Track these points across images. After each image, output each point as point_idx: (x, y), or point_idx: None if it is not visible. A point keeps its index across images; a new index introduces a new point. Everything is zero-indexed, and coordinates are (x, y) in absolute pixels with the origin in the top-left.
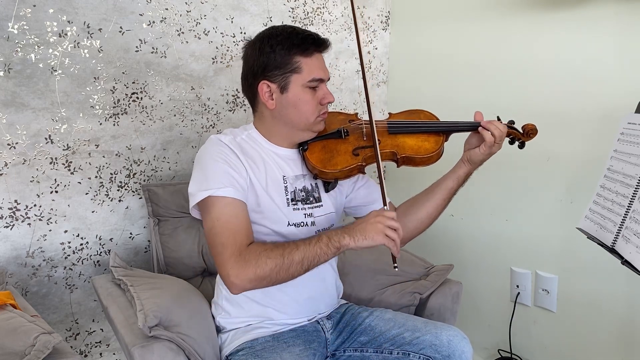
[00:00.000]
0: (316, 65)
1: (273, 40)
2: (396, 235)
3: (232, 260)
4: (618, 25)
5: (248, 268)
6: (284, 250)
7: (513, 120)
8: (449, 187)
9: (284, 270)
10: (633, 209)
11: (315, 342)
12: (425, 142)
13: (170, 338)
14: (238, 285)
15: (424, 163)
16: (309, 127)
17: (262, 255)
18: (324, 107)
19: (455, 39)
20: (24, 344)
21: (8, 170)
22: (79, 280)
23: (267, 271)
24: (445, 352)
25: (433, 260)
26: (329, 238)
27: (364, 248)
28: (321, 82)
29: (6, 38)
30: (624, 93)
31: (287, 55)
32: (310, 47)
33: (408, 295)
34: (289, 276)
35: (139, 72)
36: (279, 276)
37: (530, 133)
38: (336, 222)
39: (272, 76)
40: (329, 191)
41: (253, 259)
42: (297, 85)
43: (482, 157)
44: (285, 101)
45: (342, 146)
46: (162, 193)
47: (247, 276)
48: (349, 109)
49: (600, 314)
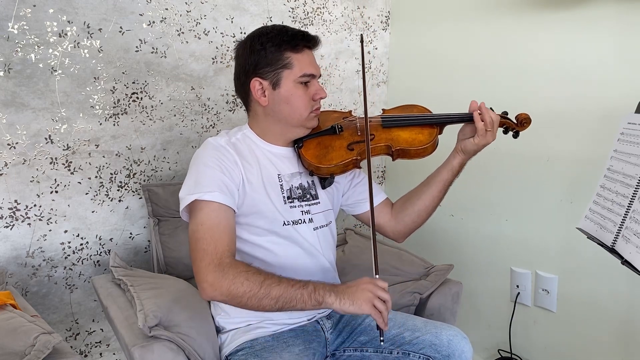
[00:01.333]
0: (307, 61)
1: (263, 38)
2: (384, 307)
3: (210, 268)
4: (618, 25)
5: (223, 281)
6: (265, 280)
7: (506, 111)
8: (443, 178)
9: (256, 299)
10: (633, 209)
11: (315, 342)
12: (419, 135)
13: (170, 338)
14: (209, 294)
15: (418, 155)
16: (303, 123)
17: (241, 274)
18: (317, 102)
19: (455, 39)
20: (24, 344)
21: (8, 170)
22: (79, 280)
23: (240, 292)
24: (445, 352)
25: (433, 260)
26: (315, 289)
27: (347, 313)
28: (312, 77)
29: (6, 38)
30: (624, 93)
31: (278, 51)
32: (300, 42)
33: (408, 295)
34: (260, 307)
35: (139, 72)
36: (250, 302)
37: (524, 122)
38: (333, 219)
39: (263, 73)
40: (325, 187)
41: (231, 275)
42: (289, 80)
43: (476, 147)
44: (277, 97)
45: (337, 142)
46: (162, 193)
47: (220, 289)
48: (349, 109)
49: (600, 314)
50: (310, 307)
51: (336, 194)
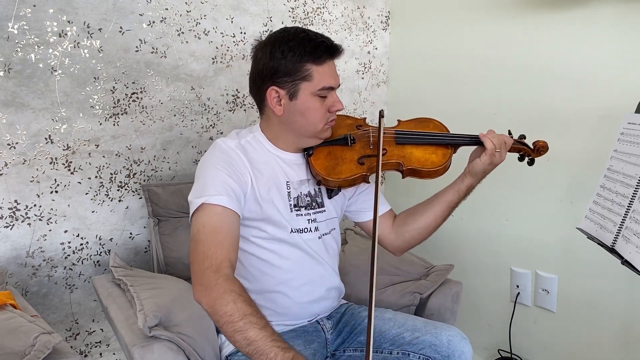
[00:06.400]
0: (327, 73)
1: (284, 46)
2: None
3: (207, 272)
4: (618, 25)
5: (213, 292)
6: (250, 315)
7: (524, 135)
8: (448, 199)
9: (231, 328)
10: (633, 209)
11: (315, 342)
12: (432, 155)
13: (170, 338)
14: (198, 297)
15: (429, 176)
16: (316, 135)
17: (231, 294)
18: (333, 114)
19: (455, 39)
20: (24, 344)
21: (8, 170)
22: (79, 280)
23: (220, 311)
24: (445, 352)
25: (433, 260)
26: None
27: None
28: (331, 89)
29: (6, 38)
30: (624, 93)
31: (298, 62)
32: (323, 55)
33: (408, 295)
34: (230, 338)
35: (139, 72)
36: (225, 328)
37: (540, 150)
38: (337, 226)
39: (281, 82)
40: (331, 197)
41: (222, 289)
42: (307, 93)
43: (483, 166)
44: (293, 108)
45: (348, 154)
46: (162, 193)
47: (208, 297)
48: (348, 109)
49: (600, 314)
50: None
51: (342, 200)
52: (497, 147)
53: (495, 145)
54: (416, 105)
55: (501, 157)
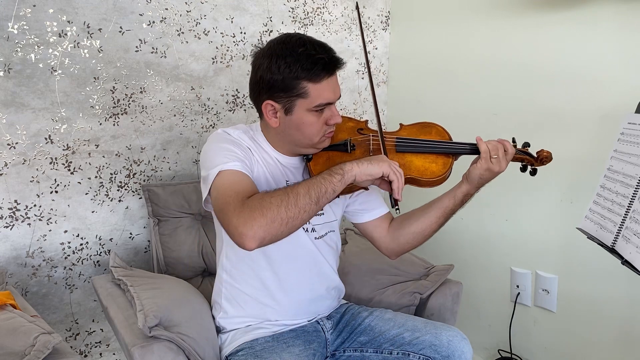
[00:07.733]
0: (325, 90)
1: (281, 61)
2: (400, 175)
3: (237, 211)
4: (618, 25)
5: (254, 212)
6: (286, 189)
7: (528, 143)
8: (444, 205)
9: (292, 205)
10: (633, 209)
11: (315, 342)
12: (432, 164)
13: (170, 338)
14: (248, 234)
15: (428, 185)
16: (313, 146)
17: (264, 197)
18: (330, 127)
19: (455, 39)
20: (24, 344)
21: (8, 170)
22: (79, 280)
23: (274, 210)
24: (445, 353)
25: (433, 260)
26: (330, 169)
27: (368, 177)
28: (328, 105)
29: (6, 38)
30: (624, 93)
31: (295, 80)
32: (321, 73)
33: (408, 295)
34: (300, 211)
35: (139, 72)
36: (289, 213)
37: (544, 160)
38: (337, 228)
39: (277, 97)
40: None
41: (257, 203)
42: (302, 109)
43: (479, 172)
44: (289, 122)
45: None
46: (162, 193)
47: (256, 221)
48: (348, 109)
49: (600, 314)
50: (338, 184)
51: (341, 203)
52: (493, 151)
53: (489, 150)
54: (416, 105)
55: (500, 166)
